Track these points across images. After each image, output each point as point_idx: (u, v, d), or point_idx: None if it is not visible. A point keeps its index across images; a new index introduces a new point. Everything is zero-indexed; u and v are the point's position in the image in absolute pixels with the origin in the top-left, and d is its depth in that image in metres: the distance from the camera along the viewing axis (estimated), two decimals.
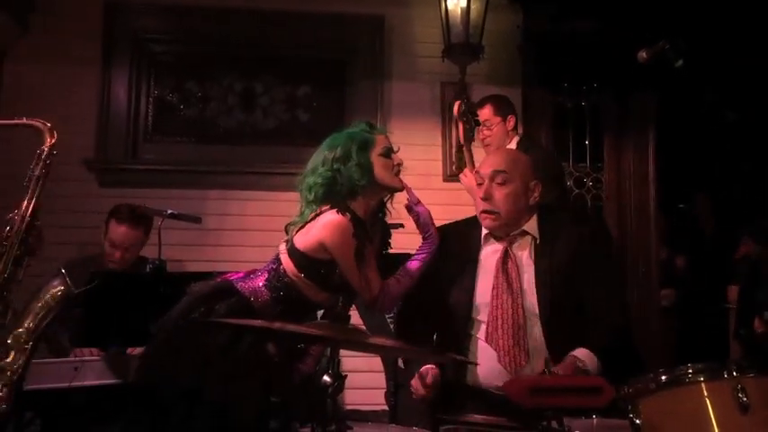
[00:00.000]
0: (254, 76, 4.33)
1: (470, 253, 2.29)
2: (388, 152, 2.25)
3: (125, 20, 4.17)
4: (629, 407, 1.53)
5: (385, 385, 3.11)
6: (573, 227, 2.33)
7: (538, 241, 2.24)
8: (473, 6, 4.04)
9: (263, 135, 4.30)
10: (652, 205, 4.52)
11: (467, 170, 3.39)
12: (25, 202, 2.28)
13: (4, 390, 2.14)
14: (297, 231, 2.18)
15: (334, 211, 2.12)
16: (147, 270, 3.09)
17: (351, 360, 3.46)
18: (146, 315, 2.56)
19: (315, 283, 2.15)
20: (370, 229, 2.23)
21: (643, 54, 2.27)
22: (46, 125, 2.36)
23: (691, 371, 1.51)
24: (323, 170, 2.19)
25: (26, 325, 2.22)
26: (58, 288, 2.27)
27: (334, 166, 2.18)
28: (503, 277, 2.16)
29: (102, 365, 2.77)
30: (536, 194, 2.26)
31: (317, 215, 2.15)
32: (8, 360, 2.17)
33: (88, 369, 2.74)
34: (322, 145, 2.32)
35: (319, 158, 2.25)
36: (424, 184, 3.61)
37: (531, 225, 2.26)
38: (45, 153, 2.32)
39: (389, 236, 2.39)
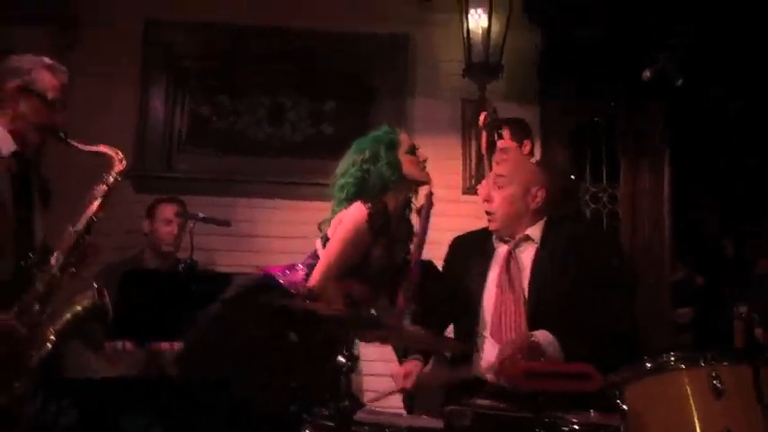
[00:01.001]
0: (283, 92, 4.51)
1: (484, 257, 2.45)
2: (413, 150, 2.42)
3: (163, 37, 4.40)
4: (617, 393, 1.67)
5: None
6: (574, 232, 2.45)
7: (538, 246, 2.37)
8: (494, 27, 4.21)
9: (291, 147, 4.47)
10: (667, 222, 4.60)
11: (485, 181, 3.55)
12: (82, 218, 2.49)
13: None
14: (329, 226, 2.34)
15: (361, 202, 2.28)
16: (180, 269, 3.29)
17: (369, 365, 3.63)
18: (178, 311, 2.77)
19: (356, 279, 2.28)
20: (397, 227, 2.38)
21: (647, 73, 2.42)
22: (118, 154, 2.58)
23: (673, 359, 1.65)
24: (353, 170, 2.35)
25: (56, 328, 2.43)
26: (90, 301, 2.49)
27: (364, 167, 2.34)
28: (505, 276, 2.31)
29: (135, 358, 2.97)
30: (538, 199, 2.40)
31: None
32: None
33: (122, 361, 2.94)
34: (349, 150, 2.48)
35: (348, 161, 2.41)
36: (443, 196, 3.77)
37: (535, 231, 2.40)
38: (112, 179, 2.54)
39: (411, 237, 2.54)
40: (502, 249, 2.43)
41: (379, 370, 3.51)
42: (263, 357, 2.09)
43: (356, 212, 2.28)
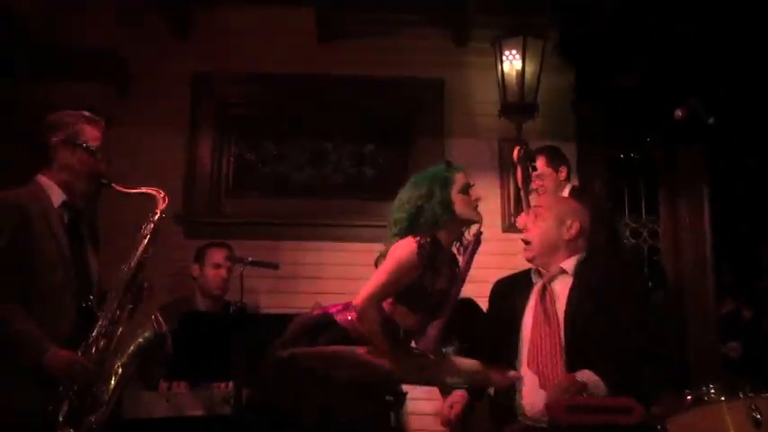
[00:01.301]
0: (325, 136, 4.66)
1: (524, 294, 2.51)
2: (467, 189, 2.50)
3: (210, 88, 4.58)
4: (659, 426, 1.72)
5: None
6: (610, 264, 2.50)
7: (572, 278, 2.43)
8: (528, 68, 4.32)
9: (333, 189, 4.60)
10: (709, 256, 4.59)
11: (523, 213, 3.63)
12: (133, 257, 2.66)
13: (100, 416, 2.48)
14: (385, 259, 2.44)
15: (411, 236, 2.38)
16: (231, 311, 3.41)
17: (414, 403, 3.68)
18: (229, 352, 2.88)
19: (405, 306, 2.37)
20: (444, 261, 2.46)
21: (678, 112, 2.50)
22: (160, 193, 2.75)
23: (713, 391, 1.69)
24: (408, 207, 2.45)
25: (121, 359, 2.58)
26: (151, 332, 2.64)
27: (418, 203, 2.44)
28: (540, 308, 2.37)
29: (189, 398, 3.07)
30: (573, 231, 2.46)
31: None
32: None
33: (178, 401, 3.05)
34: (406, 184, 2.58)
35: (404, 196, 2.51)
36: (483, 234, 3.85)
37: (570, 264, 2.46)
38: (156, 217, 2.70)
39: (455, 272, 2.62)
40: (538, 283, 2.49)
41: (424, 408, 3.56)
42: (315, 395, 2.17)
43: (406, 245, 2.38)
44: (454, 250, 2.58)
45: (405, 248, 2.38)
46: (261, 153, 4.63)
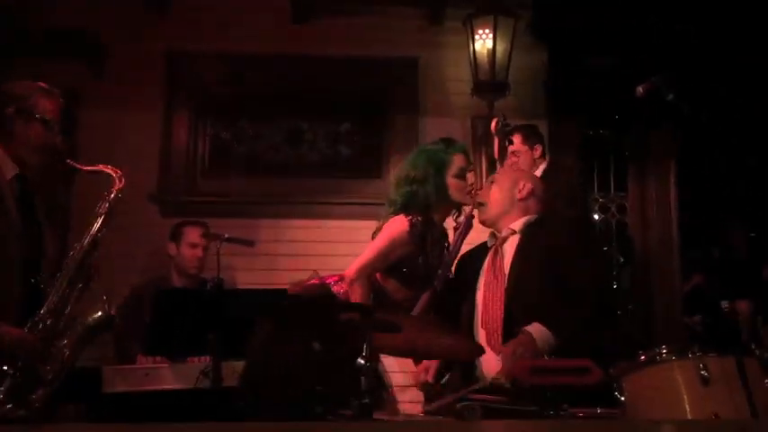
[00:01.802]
0: (300, 115, 4.69)
1: (481, 261, 2.58)
2: (462, 172, 2.58)
3: (185, 68, 4.60)
4: (615, 385, 1.82)
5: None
6: (559, 225, 2.58)
7: (519, 236, 2.50)
8: (499, 47, 4.39)
9: (309, 168, 4.64)
10: (675, 230, 4.71)
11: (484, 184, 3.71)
12: (86, 235, 2.59)
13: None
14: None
15: (404, 215, 2.47)
16: (208, 287, 3.46)
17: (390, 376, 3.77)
18: (206, 328, 2.93)
19: (397, 281, 2.47)
20: (436, 238, 2.54)
21: (640, 89, 2.57)
22: (117, 172, 2.68)
23: (664, 351, 1.79)
24: (403, 189, 2.55)
25: (69, 339, 2.52)
26: (100, 313, 2.60)
27: (413, 187, 2.54)
28: (491, 269, 2.46)
29: (168, 372, 3.12)
30: (524, 192, 2.54)
31: None
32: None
33: (158, 375, 3.09)
34: (406, 160, 2.67)
35: (402, 174, 2.61)
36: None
37: (519, 224, 2.53)
38: (112, 196, 2.65)
39: (444, 249, 2.71)
40: (493, 246, 2.56)
41: (400, 381, 3.64)
42: (295, 365, 2.24)
43: (398, 222, 2.48)
44: (450, 226, 2.66)
45: (397, 226, 2.47)
46: (236, 132, 4.65)
